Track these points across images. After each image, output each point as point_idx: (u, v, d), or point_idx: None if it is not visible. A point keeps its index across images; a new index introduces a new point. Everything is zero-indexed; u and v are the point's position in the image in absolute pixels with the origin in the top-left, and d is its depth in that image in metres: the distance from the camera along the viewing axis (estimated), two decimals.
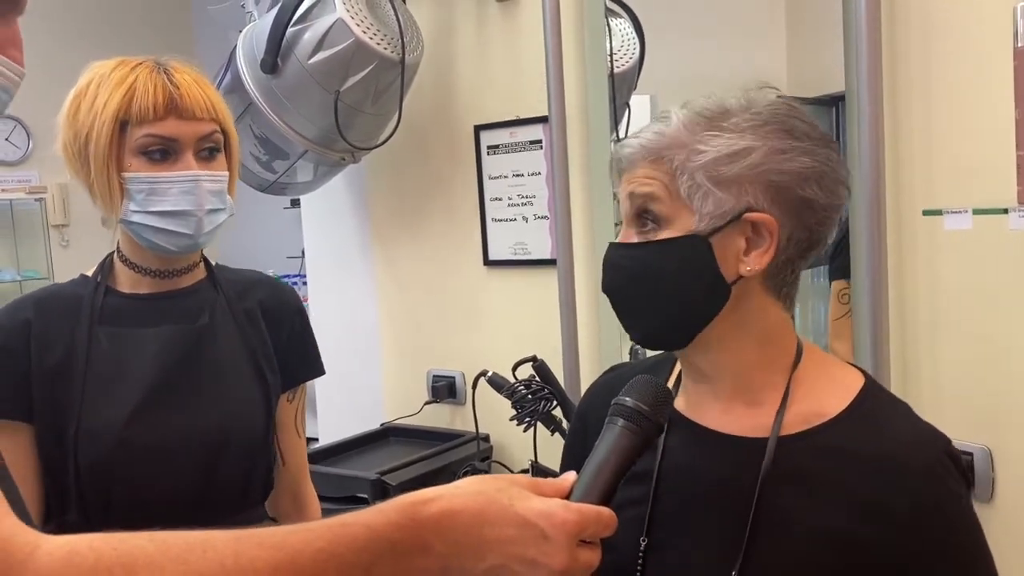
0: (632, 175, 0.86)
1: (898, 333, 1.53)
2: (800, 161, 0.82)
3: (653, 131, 0.85)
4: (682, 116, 0.84)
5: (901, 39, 1.51)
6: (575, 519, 0.66)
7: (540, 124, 1.99)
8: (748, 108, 0.84)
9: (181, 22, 5.68)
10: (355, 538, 0.63)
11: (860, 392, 0.87)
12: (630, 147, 0.86)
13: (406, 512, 0.65)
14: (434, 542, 0.64)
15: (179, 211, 1.15)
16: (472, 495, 0.66)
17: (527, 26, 1.99)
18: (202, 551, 0.59)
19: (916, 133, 1.51)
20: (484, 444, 2.04)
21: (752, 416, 0.87)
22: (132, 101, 1.13)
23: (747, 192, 0.81)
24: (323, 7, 1.86)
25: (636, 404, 0.76)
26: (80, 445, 1.14)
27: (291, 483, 1.35)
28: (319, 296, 2.49)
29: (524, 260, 2.08)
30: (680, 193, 0.82)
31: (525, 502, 0.66)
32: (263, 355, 1.27)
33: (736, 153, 0.81)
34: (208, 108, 1.17)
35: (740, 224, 0.82)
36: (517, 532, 0.65)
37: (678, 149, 0.83)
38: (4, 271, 5.01)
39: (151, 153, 1.14)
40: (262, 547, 0.61)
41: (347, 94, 1.88)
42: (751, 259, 0.83)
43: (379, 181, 2.31)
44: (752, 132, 0.82)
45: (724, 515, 0.84)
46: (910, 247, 1.52)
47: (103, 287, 1.22)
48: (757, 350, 0.87)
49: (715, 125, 0.83)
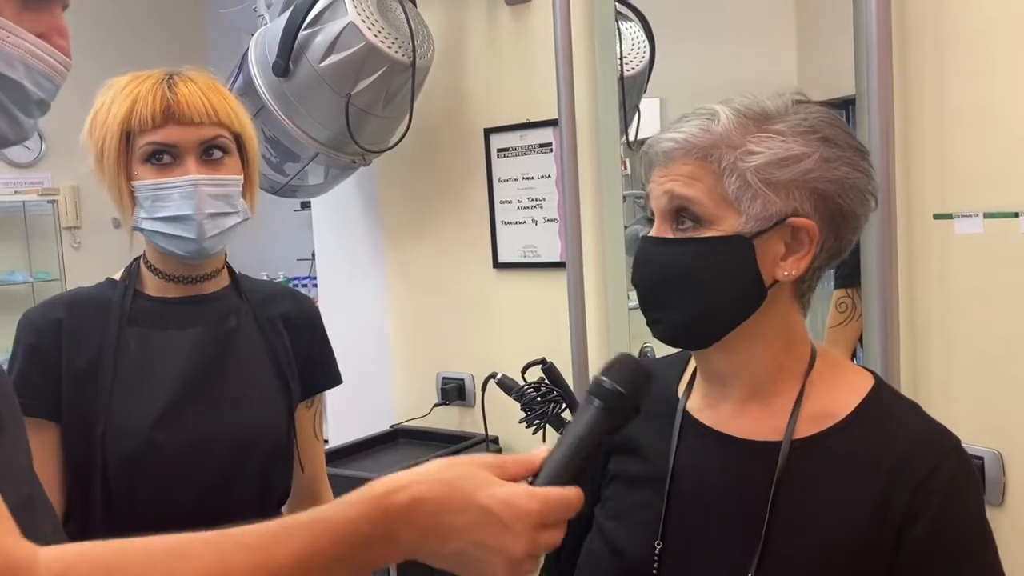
0: (671, 170, 0.84)
1: (908, 337, 1.53)
2: (843, 171, 0.83)
3: (698, 126, 0.83)
4: (730, 114, 0.83)
5: (912, 42, 1.51)
6: (538, 508, 0.66)
7: (550, 127, 2.00)
8: (791, 113, 0.84)
9: (193, 25, 5.71)
10: (333, 532, 0.64)
11: (869, 393, 0.87)
12: (672, 141, 0.84)
13: (376, 503, 0.65)
14: (400, 531, 0.65)
15: (181, 215, 1.17)
16: (439, 482, 0.66)
17: (537, 30, 2.00)
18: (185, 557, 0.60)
19: (927, 137, 1.51)
20: (493, 446, 2.05)
21: (764, 418, 0.87)
22: (133, 111, 1.16)
23: (794, 197, 0.82)
24: (335, 11, 1.87)
25: (613, 385, 0.74)
26: (107, 445, 1.15)
27: (309, 487, 1.36)
28: (329, 298, 2.50)
29: (533, 263, 2.08)
30: (726, 194, 0.82)
31: (488, 489, 0.66)
32: (286, 363, 1.29)
33: (789, 158, 0.81)
34: (208, 112, 1.18)
35: (783, 229, 0.82)
36: (478, 519, 0.65)
37: (727, 149, 0.82)
38: (16, 272, 5.04)
39: (154, 160, 1.17)
40: (243, 548, 0.62)
41: (358, 97, 1.89)
42: (789, 264, 0.84)
43: (390, 184, 2.31)
44: (802, 138, 0.82)
45: (738, 518, 0.84)
46: (921, 251, 1.52)
47: (131, 290, 1.23)
48: (776, 355, 0.87)
49: (763, 128, 0.83)
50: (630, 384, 0.74)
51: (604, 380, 0.75)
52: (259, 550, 0.62)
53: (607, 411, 0.74)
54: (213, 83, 1.22)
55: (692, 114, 0.85)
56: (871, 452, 0.83)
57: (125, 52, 3.81)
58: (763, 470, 0.84)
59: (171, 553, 0.61)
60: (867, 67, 1.50)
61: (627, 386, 0.74)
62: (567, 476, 0.70)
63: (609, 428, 0.74)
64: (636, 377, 0.75)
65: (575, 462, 0.71)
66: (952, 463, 0.82)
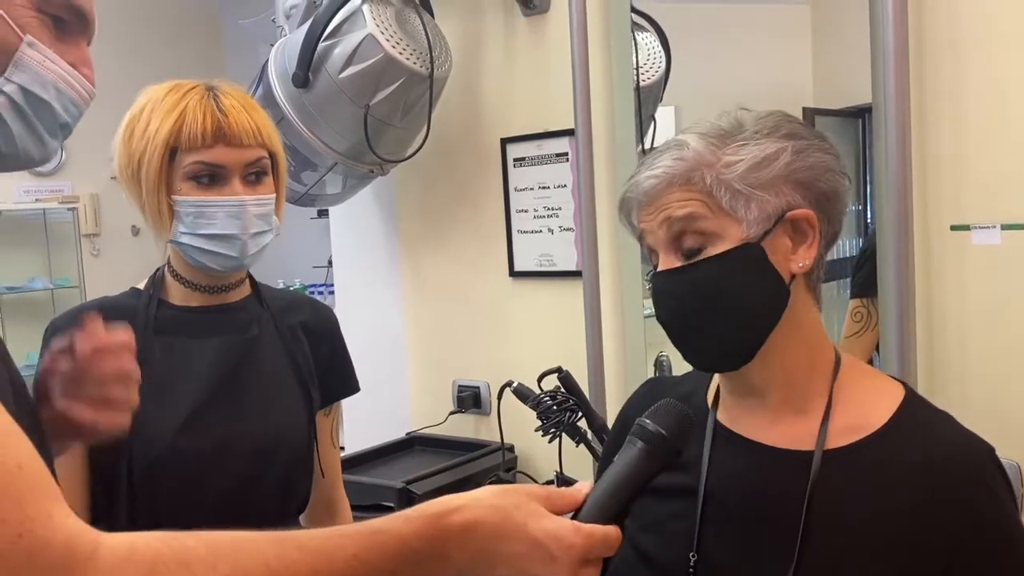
0: (660, 203, 0.86)
1: (926, 348, 1.53)
2: (815, 156, 0.86)
3: (671, 158, 0.86)
4: (696, 139, 0.86)
5: (929, 52, 1.51)
6: (582, 543, 0.69)
7: (566, 137, 2.01)
8: (747, 123, 0.87)
9: (211, 34, 5.77)
10: (385, 545, 0.67)
11: (903, 403, 0.88)
12: (652, 178, 0.86)
13: (432, 523, 0.69)
14: (453, 552, 0.68)
15: (226, 234, 1.18)
16: (492, 509, 0.70)
17: (554, 40, 2.01)
18: (248, 551, 0.63)
19: (944, 147, 1.51)
20: (509, 454, 2.06)
21: (797, 426, 0.88)
22: (182, 129, 1.16)
23: (784, 192, 0.84)
24: (354, 23, 1.89)
25: (656, 428, 0.77)
26: (132, 451, 1.17)
27: (326, 493, 1.38)
28: (346, 306, 2.52)
29: (549, 271, 2.09)
30: (721, 206, 0.84)
31: (539, 521, 0.70)
32: (306, 371, 1.31)
33: (767, 157, 0.84)
34: (255, 134, 1.19)
35: (784, 224, 0.85)
36: (527, 550, 0.69)
37: (706, 168, 0.84)
38: (36, 279, 5.09)
39: (199, 179, 1.18)
40: (302, 550, 0.64)
41: (377, 108, 1.91)
42: (800, 255, 0.85)
43: (407, 193, 2.33)
44: (770, 139, 0.85)
45: (774, 529, 0.85)
46: (938, 262, 1.52)
47: (156, 299, 1.25)
48: (804, 353, 0.88)
49: (730, 141, 0.85)
50: (673, 428, 0.77)
51: (648, 423, 0.77)
52: (318, 553, 0.65)
53: (649, 453, 0.76)
54: (250, 99, 1.24)
55: (658, 151, 0.88)
56: (908, 463, 0.83)
57: (144, 62, 3.86)
58: (797, 480, 0.84)
59: (235, 545, 0.63)
60: (884, 76, 1.50)
61: (670, 430, 0.77)
62: (607, 515, 0.73)
63: (650, 470, 0.76)
64: (679, 421, 0.78)
65: (616, 501, 0.74)
66: (992, 471, 0.83)
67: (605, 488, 0.75)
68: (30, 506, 0.58)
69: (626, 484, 0.75)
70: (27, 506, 0.57)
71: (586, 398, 1.73)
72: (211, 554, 0.61)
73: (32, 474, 0.60)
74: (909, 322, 1.50)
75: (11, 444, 0.60)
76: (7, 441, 0.60)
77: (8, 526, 0.56)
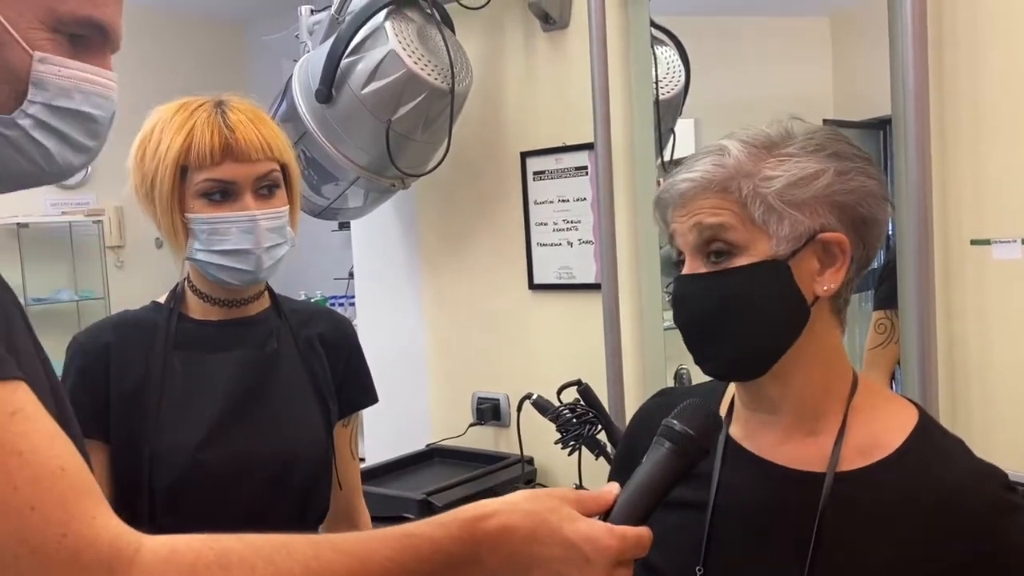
0: (693, 207, 0.85)
1: (946, 363, 1.52)
2: (859, 180, 0.85)
3: (711, 163, 0.85)
4: (739, 147, 0.85)
5: (948, 63, 1.51)
6: (617, 545, 0.70)
7: (586, 151, 2.02)
8: (796, 135, 0.86)
9: (234, 51, 5.84)
10: (419, 549, 0.68)
11: (916, 428, 0.87)
12: (688, 180, 0.86)
13: (465, 527, 0.70)
14: (486, 556, 0.70)
15: (240, 250, 1.20)
16: (526, 513, 0.71)
17: (573, 55, 2.03)
18: (287, 552, 0.64)
19: (964, 160, 1.51)
20: (528, 467, 2.06)
21: (809, 446, 0.87)
22: (191, 147, 1.17)
23: (819, 213, 0.83)
24: (376, 39, 1.91)
25: (684, 428, 0.77)
26: (154, 465, 1.18)
27: (345, 504, 1.39)
28: (367, 318, 2.54)
29: (569, 284, 2.10)
30: (753, 219, 0.83)
31: (573, 524, 0.71)
32: (324, 383, 1.32)
33: (807, 176, 0.83)
34: (264, 148, 1.20)
35: (814, 245, 0.84)
36: (563, 553, 0.70)
37: (744, 178, 0.84)
38: (62, 291, 5.16)
39: (211, 196, 1.19)
40: (338, 552, 0.66)
41: (398, 123, 1.93)
42: (826, 278, 0.85)
43: (428, 206, 2.35)
44: (814, 156, 0.84)
45: (782, 548, 0.85)
46: (958, 277, 1.51)
47: (176, 313, 1.27)
48: (822, 374, 0.88)
49: (774, 153, 0.85)
50: (700, 428, 0.78)
51: (675, 423, 0.78)
52: (354, 555, 0.66)
53: (676, 453, 0.77)
54: (259, 113, 1.25)
55: (700, 153, 0.87)
56: (919, 491, 0.83)
57: (169, 78, 3.91)
58: (808, 500, 0.84)
59: (273, 546, 0.64)
60: (903, 89, 1.50)
61: (697, 429, 0.77)
62: (638, 516, 0.74)
63: (678, 470, 0.77)
64: (705, 421, 0.79)
65: (646, 502, 0.75)
66: (1004, 500, 0.83)
67: (635, 489, 0.75)
68: (73, 507, 0.59)
69: (655, 485, 0.76)
70: (71, 507, 0.59)
71: (605, 411, 1.74)
72: (251, 555, 0.63)
73: (75, 476, 0.61)
74: (930, 336, 1.49)
75: (55, 447, 0.62)
76: (51, 444, 0.61)
77: (53, 526, 0.58)
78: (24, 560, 0.57)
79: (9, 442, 0.59)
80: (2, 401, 0.60)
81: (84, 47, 0.76)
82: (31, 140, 0.74)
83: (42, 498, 0.58)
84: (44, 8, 0.72)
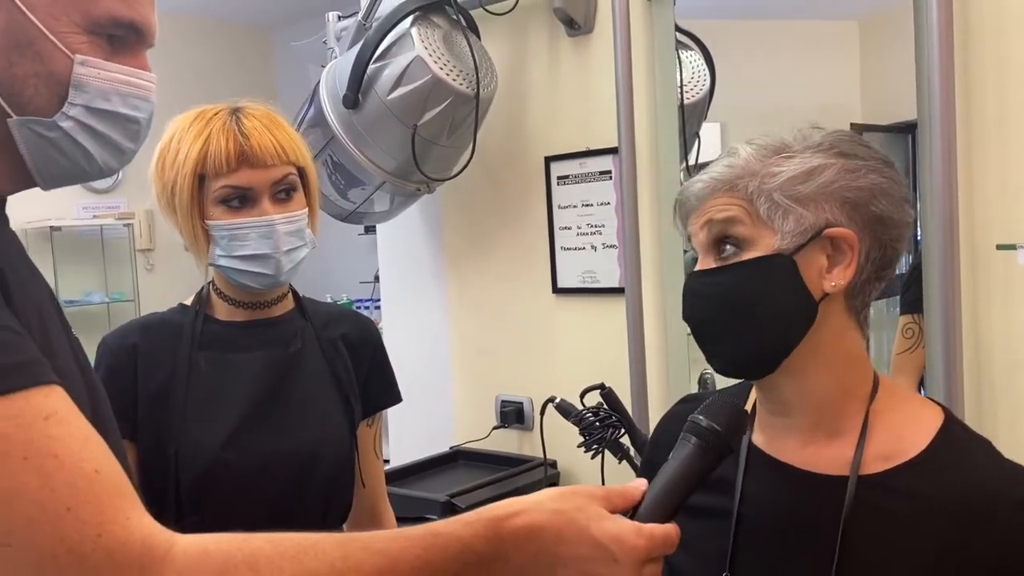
0: (705, 207, 0.87)
1: (972, 368, 1.51)
2: (870, 178, 0.85)
3: (723, 165, 0.87)
4: (749, 149, 0.87)
5: (975, 68, 1.50)
6: (645, 545, 0.70)
7: (610, 155, 2.03)
8: (809, 138, 0.87)
9: (263, 58, 5.90)
10: (447, 548, 0.69)
11: (940, 430, 0.86)
12: (700, 183, 0.88)
13: (492, 526, 0.70)
14: (513, 554, 0.70)
15: (259, 254, 1.22)
16: (553, 512, 0.71)
17: (598, 59, 2.03)
18: (314, 552, 0.65)
19: (990, 164, 1.50)
20: (551, 470, 2.07)
21: (831, 449, 0.87)
22: (207, 156, 1.19)
23: (824, 209, 0.84)
24: (402, 45, 1.93)
25: (710, 424, 0.77)
26: (180, 464, 1.20)
27: (369, 504, 1.40)
28: (392, 321, 2.56)
29: (593, 288, 2.11)
30: (759, 214, 0.84)
31: (600, 523, 0.71)
32: (347, 383, 1.33)
33: (810, 171, 0.84)
34: (279, 153, 1.22)
35: (821, 240, 0.84)
36: (590, 552, 0.70)
37: (750, 176, 0.85)
38: (93, 294, 5.24)
39: (229, 202, 1.21)
40: (366, 551, 0.67)
41: (424, 128, 1.95)
42: (835, 275, 0.84)
43: (452, 210, 2.37)
44: (821, 154, 0.85)
45: (806, 553, 0.84)
46: (984, 282, 1.50)
47: (202, 315, 1.29)
48: (838, 376, 0.87)
49: (784, 151, 0.86)
50: (726, 424, 0.77)
51: (700, 419, 0.78)
52: (383, 554, 0.67)
53: (703, 449, 0.77)
54: (275, 118, 1.26)
55: (717, 159, 0.89)
56: (945, 494, 0.82)
57: (197, 84, 3.96)
58: (832, 505, 0.84)
59: (300, 546, 0.65)
60: (929, 94, 1.49)
61: (723, 425, 0.77)
62: (665, 513, 0.74)
63: (705, 466, 0.77)
64: (731, 417, 0.78)
65: (673, 498, 0.75)
66: None
67: (662, 486, 0.75)
68: (108, 508, 0.61)
69: (682, 481, 0.76)
70: (105, 508, 0.61)
71: (629, 415, 1.74)
72: (278, 555, 0.64)
73: (109, 478, 0.63)
74: (955, 341, 1.48)
75: (90, 449, 0.63)
76: (86, 446, 0.63)
77: (88, 527, 0.60)
78: (62, 559, 0.59)
79: (45, 445, 0.61)
80: (38, 405, 0.62)
81: (120, 46, 0.78)
82: (72, 141, 0.76)
83: (78, 500, 0.60)
84: (80, 11, 0.74)
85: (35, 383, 0.63)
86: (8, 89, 0.73)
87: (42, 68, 0.73)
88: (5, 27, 0.72)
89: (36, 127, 0.75)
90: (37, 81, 0.74)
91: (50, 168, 0.77)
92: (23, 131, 0.75)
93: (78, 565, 0.59)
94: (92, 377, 0.83)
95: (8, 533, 0.59)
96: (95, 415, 0.73)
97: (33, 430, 0.61)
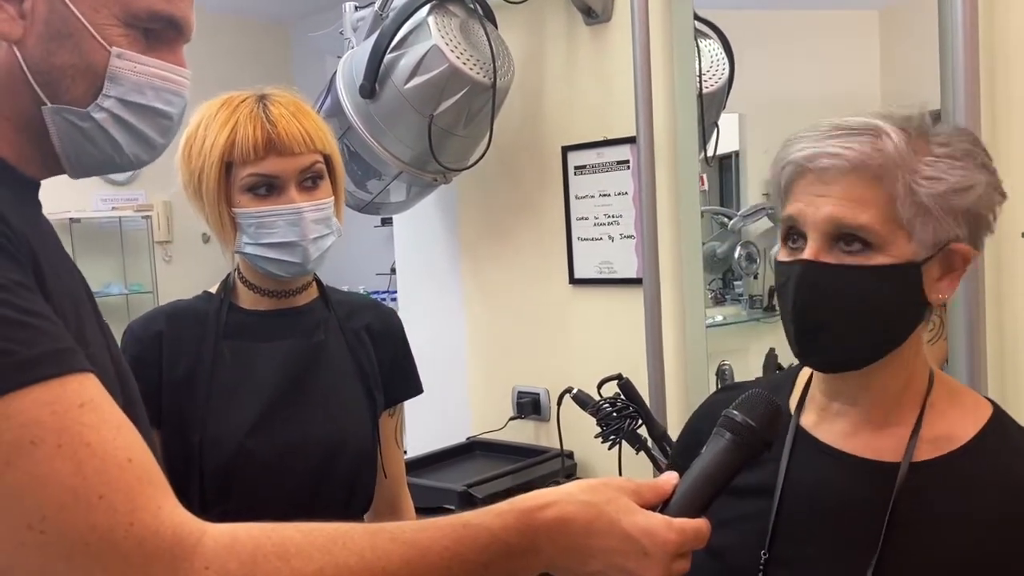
0: (834, 190, 0.81)
1: (996, 356, 1.49)
2: (996, 198, 0.84)
3: (869, 144, 0.80)
4: (896, 131, 0.81)
5: (999, 56, 1.48)
6: (675, 539, 0.70)
7: (627, 145, 2.02)
8: (947, 134, 0.83)
9: (281, 48, 5.91)
10: (476, 539, 0.68)
11: (989, 420, 0.87)
12: (836, 158, 0.80)
13: (522, 517, 0.70)
14: (544, 545, 0.70)
15: (287, 242, 1.22)
16: (584, 504, 0.71)
17: (616, 48, 2.02)
18: (343, 542, 0.65)
19: (1015, 153, 1.48)
20: (568, 461, 2.06)
21: (879, 438, 0.87)
22: (235, 143, 1.19)
23: (959, 223, 0.82)
24: (419, 34, 1.93)
25: (744, 419, 0.76)
26: (204, 452, 1.21)
27: (390, 494, 1.40)
28: (409, 312, 2.56)
29: (610, 279, 2.10)
30: (897, 217, 0.80)
31: (631, 516, 0.70)
32: (370, 373, 1.34)
33: (967, 187, 0.81)
34: (306, 141, 1.21)
35: (944, 252, 0.82)
36: (620, 545, 0.70)
37: (901, 170, 0.80)
38: (112, 285, 5.28)
39: (256, 190, 1.21)
40: (395, 542, 0.66)
41: (441, 117, 1.95)
42: (944, 287, 0.84)
43: (469, 201, 2.36)
44: (970, 164, 0.82)
45: (851, 536, 0.84)
46: (1008, 270, 1.49)
47: (227, 303, 1.29)
48: (906, 371, 0.88)
49: (928, 149, 0.82)
50: (761, 419, 0.76)
51: (735, 414, 0.76)
52: (412, 545, 0.66)
53: (737, 445, 0.75)
54: (301, 105, 1.26)
55: (845, 127, 0.82)
56: (992, 480, 0.83)
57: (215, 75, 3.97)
58: (879, 490, 0.84)
59: (330, 536, 0.65)
60: (953, 81, 1.47)
61: (759, 420, 0.76)
62: (696, 508, 0.73)
63: (739, 462, 0.75)
64: (767, 412, 0.77)
65: (705, 494, 0.74)
66: None
67: (694, 480, 0.74)
68: (139, 496, 0.62)
69: (715, 476, 0.75)
70: (136, 496, 0.61)
71: (646, 405, 1.73)
72: (308, 544, 0.64)
73: (141, 466, 0.63)
74: (979, 331, 1.47)
75: (123, 437, 0.64)
76: (117, 434, 0.63)
77: (120, 515, 0.60)
78: (94, 547, 0.59)
79: (79, 433, 0.61)
80: (72, 392, 0.62)
81: (157, 40, 0.79)
82: (104, 133, 0.77)
83: (110, 487, 0.60)
84: (120, 4, 0.75)
85: (70, 371, 0.63)
86: (46, 78, 0.74)
87: (80, 59, 0.74)
88: (47, 17, 0.73)
89: (70, 116, 0.76)
90: (74, 72, 0.75)
91: (80, 158, 0.78)
92: (56, 119, 0.75)
93: (109, 553, 0.59)
94: (123, 366, 0.84)
95: (41, 520, 0.59)
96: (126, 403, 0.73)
97: (67, 417, 0.61)
